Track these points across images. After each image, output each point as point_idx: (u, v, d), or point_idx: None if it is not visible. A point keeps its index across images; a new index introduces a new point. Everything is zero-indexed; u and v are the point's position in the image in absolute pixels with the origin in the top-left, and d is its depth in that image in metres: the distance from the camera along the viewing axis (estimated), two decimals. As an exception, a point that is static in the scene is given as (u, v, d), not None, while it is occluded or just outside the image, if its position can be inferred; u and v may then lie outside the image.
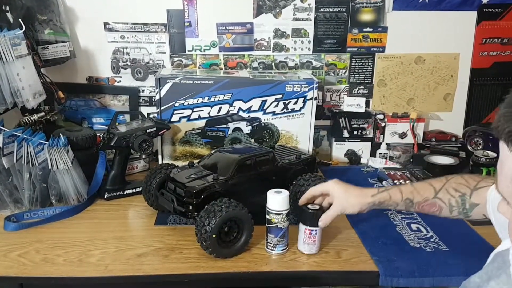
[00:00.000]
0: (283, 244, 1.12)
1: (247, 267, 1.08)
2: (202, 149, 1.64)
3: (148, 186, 1.31)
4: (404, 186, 1.09)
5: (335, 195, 1.11)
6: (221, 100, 1.58)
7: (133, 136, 1.42)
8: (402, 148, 1.83)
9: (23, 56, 1.36)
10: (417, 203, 1.06)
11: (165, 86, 1.54)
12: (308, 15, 1.77)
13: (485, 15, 1.82)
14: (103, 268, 1.06)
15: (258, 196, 1.16)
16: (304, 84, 1.59)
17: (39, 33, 1.55)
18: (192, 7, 1.73)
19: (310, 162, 1.41)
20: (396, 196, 1.07)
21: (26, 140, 1.29)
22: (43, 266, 1.06)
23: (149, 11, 1.73)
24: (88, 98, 1.79)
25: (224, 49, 1.79)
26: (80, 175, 1.38)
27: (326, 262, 1.11)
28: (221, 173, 1.21)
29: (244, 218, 1.11)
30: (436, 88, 1.89)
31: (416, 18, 1.80)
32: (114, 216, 1.33)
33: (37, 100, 1.42)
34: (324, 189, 1.14)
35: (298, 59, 1.82)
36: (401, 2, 1.78)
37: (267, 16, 1.76)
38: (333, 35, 1.80)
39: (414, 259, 1.11)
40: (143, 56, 1.78)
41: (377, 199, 1.08)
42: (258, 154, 1.28)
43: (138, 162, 1.64)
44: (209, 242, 1.06)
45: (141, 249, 1.15)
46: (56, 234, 1.21)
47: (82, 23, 1.73)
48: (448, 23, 1.81)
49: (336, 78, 1.86)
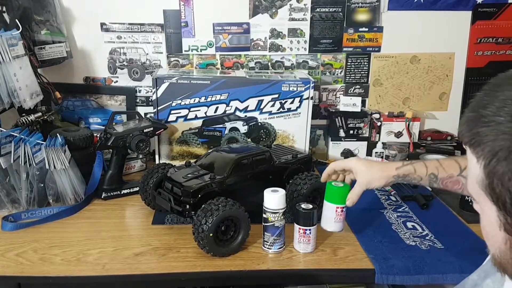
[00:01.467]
0: (280, 242, 1.13)
1: (244, 265, 1.08)
2: (199, 148, 1.64)
3: (145, 185, 1.31)
4: (429, 162, 1.08)
5: (358, 172, 1.10)
6: (217, 100, 1.59)
7: (130, 136, 1.42)
8: (398, 147, 1.84)
9: (20, 57, 1.36)
10: (441, 179, 1.05)
11: (162, 86, 1.55)
12: (304, 15, 1.78)
13: (480, 15, 1.83)
14: (101, 267, 1.06)
15: (254, 195, 1.17)
16: (300, 83, 1.59)
17: (36, 34, 1.55)
18: (188, 7, 1.74)
19: (307, 162, 1.42)
20: (421, 169, 1.06)
21: (24, 140, 1.30)
22: (41, 265, 1.07)
23: (146, 11, 1.73)
24: (85, 98, 1.79)
25: (220, 49, 1.79)
26: (78, 175, 1.38)
27: (322, 260, 1.12)
28: (218, 173, 1.22)
29: (241, 217, 1.11)
30: (432, 88, 1.90)
31: (411, 18, 1.81)
32: (111, 215, 1.34)
33: (34, 100, 1.42)
34: (346, 166, 1.13)
35: (294, 59, 1.83)
36: (396, 2, 1.79)
37: (263, 16, 1.76)
38: (329, 35, 1.81)
39: (410, 257, 1.12)
40: (139, 56, 1.78)
41: (401, 172, 1.07)
42: (254, 153, 1.29)
43: (135, 162, 1.65)
44: (206, 241, 1.06)
45: (138, 248, 1.15)
46: (53, 233, 1.22)
47: (78, 23, 1.73)
48: (443, 23, 1.82)
49: (332, 78, 1.87)
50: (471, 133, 0.56)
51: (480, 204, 0.60)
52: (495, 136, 0.53)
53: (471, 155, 0.58)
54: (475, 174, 0.57)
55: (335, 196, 1.12)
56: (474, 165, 0.56)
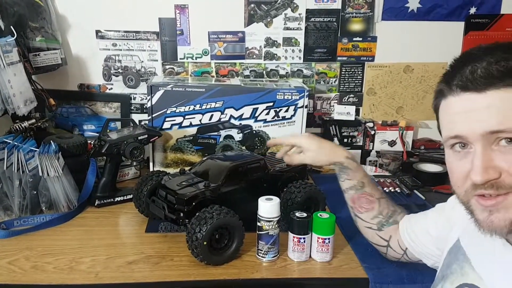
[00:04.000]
0: (274, 251, 1.13)
1: (238, 274, 1.08)
2: (193, 156, 1.64)
3: (139, 193, 1.31)
4: (367, 173, 1.16)
5: (308, 149, 1.19)
6: (212, 108, 1.59)
7: (124, 143, 1.42)
8: (391, 155, 1.85)
9: (15, 63, 1.36)
10: (364, 191, 1.11)
11: (157, 94, 1.55)
12: (298, 25, 1.79)
13: (472, 26, 1.85)
14: (94, 276, 1.06)
15: (249, 203, 1.17)
16: (295, 92, 1.60)
17: (30, 40, 1.55)
18: (184, 15, 1.74)
19: (301, 170, 1.42)
20: (359, 171, 1.13)
21: (17, 147, 1.29)
22: (33, 273, 1.06)
23: (141, 19, 1.74)
24: (79, 105, 1.79)
25: (215, 57, 1.80)
26: (71, 182, 1.37)
27: (316, 269, 1.12)
28: (212, 180, 1.22)
29: (235, 225, 1.11)
30: (425, 97, 1.92)
31: (405, 28, 1.83)
32: (104, 223, 1.33)
33: (28, 107, 1.42)
34: (296, 143, 1.22)
35: (289, 67, 1.84)
36: (390, 12, 1.81)
37: (259, 25, 1.78)
38: (323, 44, 1.82)
39: (403, 266, 1.12)
40: (135, 64, 1.78)
41: (346, 162, 1.13)
42: (249, 161, 1.29)
43: (129, 169, 1.64)
44: (200, 249, 1.06)
45: (131, 256, 1.14)
46: (46, 241, 1.20)
47: (74, 30, 1.73)
48: (436, 33, 1.84)
49: (326, 87, 1.88)
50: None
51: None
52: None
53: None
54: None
55: (317, 226, 1.13)
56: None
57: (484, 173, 0.61)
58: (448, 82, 0.66)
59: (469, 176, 0.64)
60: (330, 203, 1.37)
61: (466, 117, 0.63)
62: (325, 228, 1.12)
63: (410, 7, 1.81)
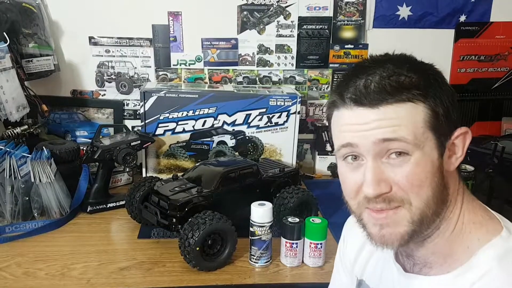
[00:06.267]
0: (267, 256, 1.13)
1: (230, 279, 1.08)
2: (186, 162, 1.64)
3: (132, 199, 1.30)
4: None
5: None
6: (205, 114, 1.60)
7: (117, 149, 1.42)
8: (383, 161, 1.86)
9: (7, 69, 1.36)
10: None
11: (150, 100, 1.55)
12: (291, 32, 1.80)
13: (462, 33, 1.88)
14: (85, 282, 1.05)
15: (242, 209, 1.17)
16: (287, 98, 1.61)
17: (23, 47, 1.55)
18: (177, 22, 1.75)
19: (294, 175, 1.43)
20: None
21: (9, 153, 1.29)
22: (25, 280, 1.05)
23: (135, 25, 1.74)
24: (72, 111, 1.79)
25: (209, 64, 1.81)
26: (63, 188, 1.37)
27: (308, 274, 1.12)
28: (205, 186, 1.22)
29: (228, 231, 1.11)
30: (416, 103, 1.93)
31: (396, 36, 1.84)
32: (96, 229, 1.33)
33: (20, 113, 1.42)
34: None
35: (282, 74, 1.85)
36: (381, 20, 1.83)
37: (251, 32, 1.79)
38: (316, 51, 1.84)
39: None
40: (128, 70, 1.79)
41: None
42: (242, 167, 1.29)
43: (121, 175, 1.64)
44: (192, 255, 1.06)
45: (124, 262, 1.14)
46: (38, 247, 1.20)
47: (66, 36, 1.73)
48: (427, 41, 1.86)
49: (319, 93, 1.89)
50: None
51: (417, 151, 0.62)
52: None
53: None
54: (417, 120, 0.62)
55: (310, 231, 1.13)
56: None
57: (376, 186, 0.62)
58: (341, 94, 0.64)
59: (362, 188, 0.64)
60: (323, 208, 1.37)
61: (359, 128, 0.63)
62: (318, 233, 1.12)
63: (401, 15, 1.83)
